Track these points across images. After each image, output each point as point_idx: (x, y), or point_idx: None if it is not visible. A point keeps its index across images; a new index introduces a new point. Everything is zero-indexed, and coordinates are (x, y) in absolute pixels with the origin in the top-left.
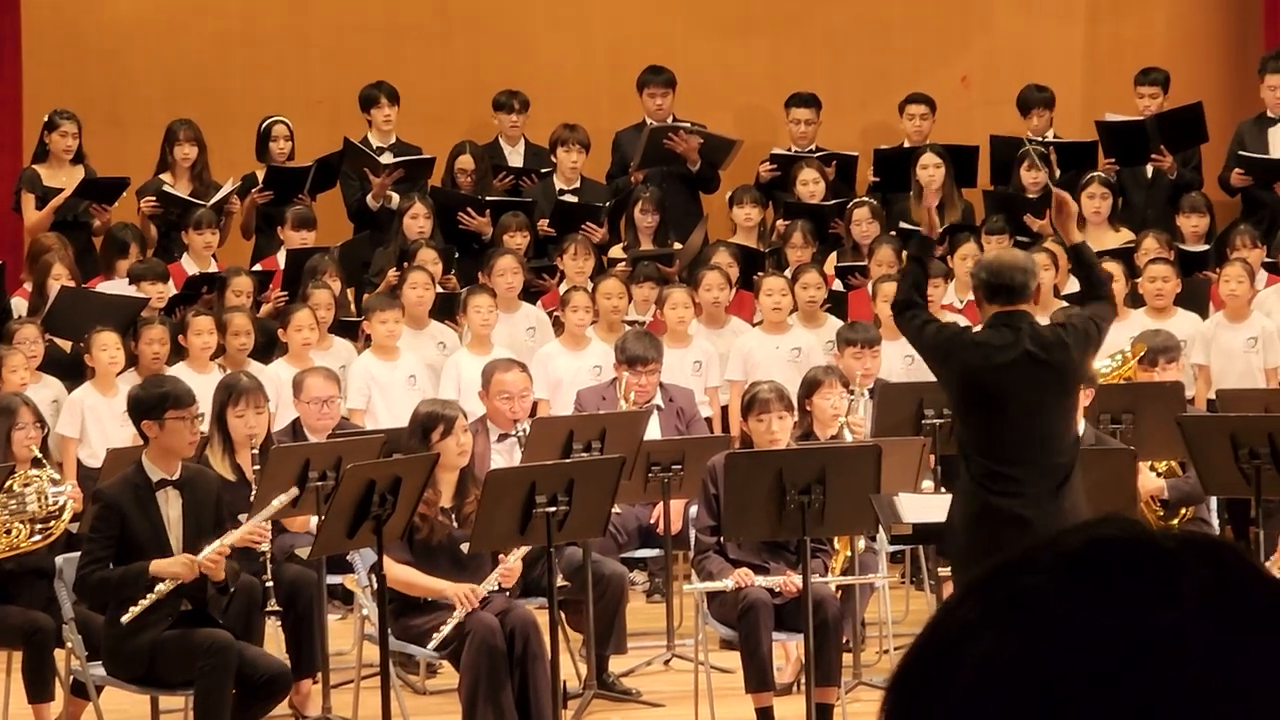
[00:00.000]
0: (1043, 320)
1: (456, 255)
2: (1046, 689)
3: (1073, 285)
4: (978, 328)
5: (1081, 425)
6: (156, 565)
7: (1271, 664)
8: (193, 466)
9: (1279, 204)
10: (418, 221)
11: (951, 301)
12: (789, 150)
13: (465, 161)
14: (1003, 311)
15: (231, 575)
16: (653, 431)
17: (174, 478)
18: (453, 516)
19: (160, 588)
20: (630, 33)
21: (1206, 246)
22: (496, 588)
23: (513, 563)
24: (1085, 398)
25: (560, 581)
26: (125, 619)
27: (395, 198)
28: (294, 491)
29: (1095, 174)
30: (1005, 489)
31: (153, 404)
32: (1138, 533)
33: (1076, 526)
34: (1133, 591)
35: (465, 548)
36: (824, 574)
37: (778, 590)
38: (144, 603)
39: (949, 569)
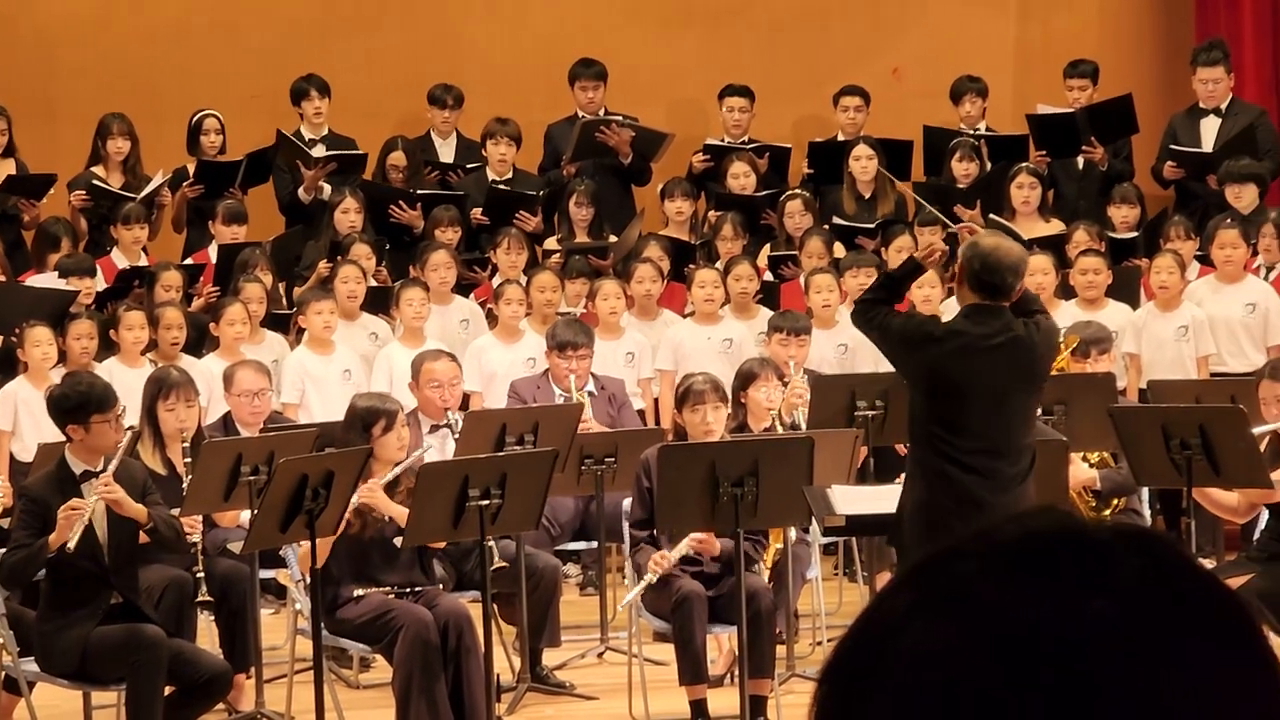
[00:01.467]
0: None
1: (388, 247)
2: (979, 678)
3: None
4: (945, 316)
5: None
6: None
7: (1201, 655)
8: (121, 458)
9: (1211, 196)
10: (348, 216)
11: None
12: (722, 141)
13: (397, 157)
14: (980, 305)
15: (160, 524)
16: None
17: (98, 470)
18: (384, 512)
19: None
20: (563, 26)
21: (1136, 234)
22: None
23: None
24: None
25: (497, 563)
26: None
27: (327, 190)
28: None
29: (1024, 165)
30: (968, 478)
31: (74, 407)
32: (1070, 524)
33: (1009, 518)
34: (1065, 582)
35: (398, 542)
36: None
37: (695, 553)
38: None
39: (898, 558)
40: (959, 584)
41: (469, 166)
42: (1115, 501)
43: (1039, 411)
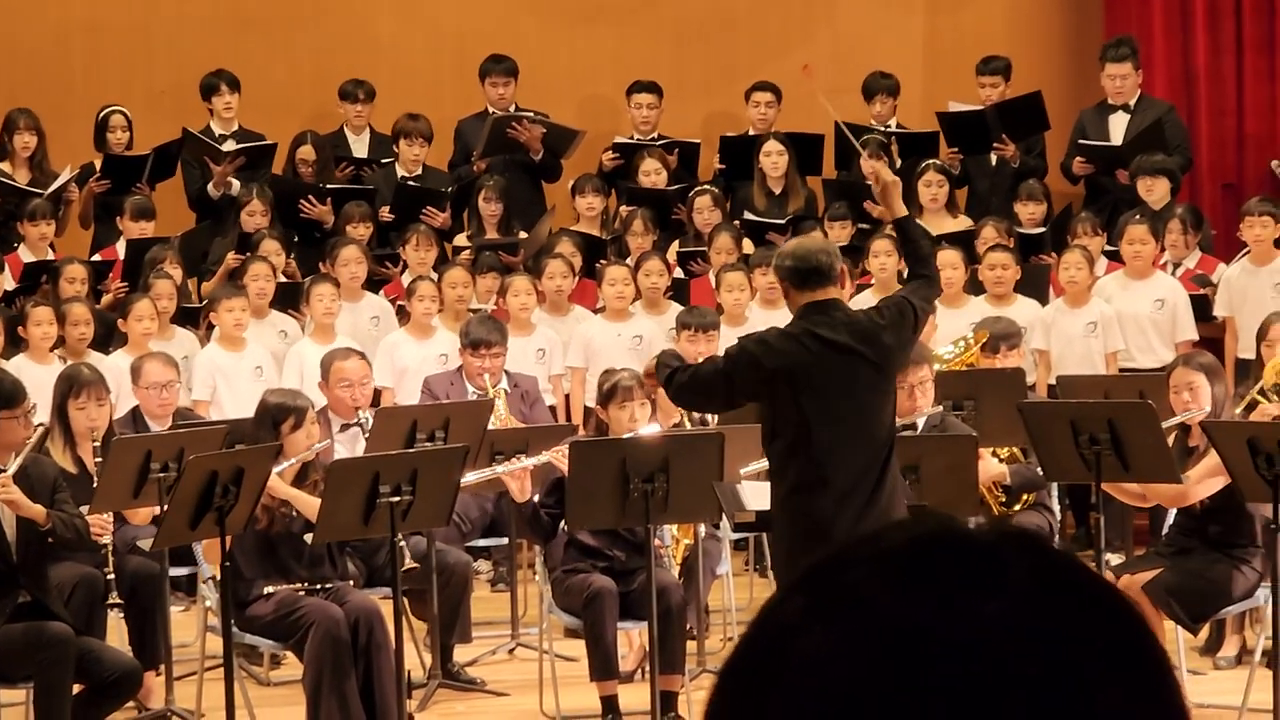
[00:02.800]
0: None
1: (295, 239)
2: (873, 683)
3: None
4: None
5: (928, 410)
6: None
7: (1095, 652)
8: (28, 455)
9: (1120, 191)
10: (255, 217)
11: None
12: (631, 138)
13: (306, 152)
14: (814, 301)
15: (59, 524)
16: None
17: (4, 469)
18: (293, 508)
19: None
20: (473, 21)
21: (1044, 229)
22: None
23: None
24: (927, 377)
25: (408, 563)
26: None
27: (236, 185)
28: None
29: (931, 162)
30: (820, 490)
31: None
32: (955, 529)
33: (894, 525)
34: (957, 584)
35: (309, 538)
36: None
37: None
38: None
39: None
40: (849, 590)
41: (384, 161)
42: (1025, 497)
43: (949, 406)
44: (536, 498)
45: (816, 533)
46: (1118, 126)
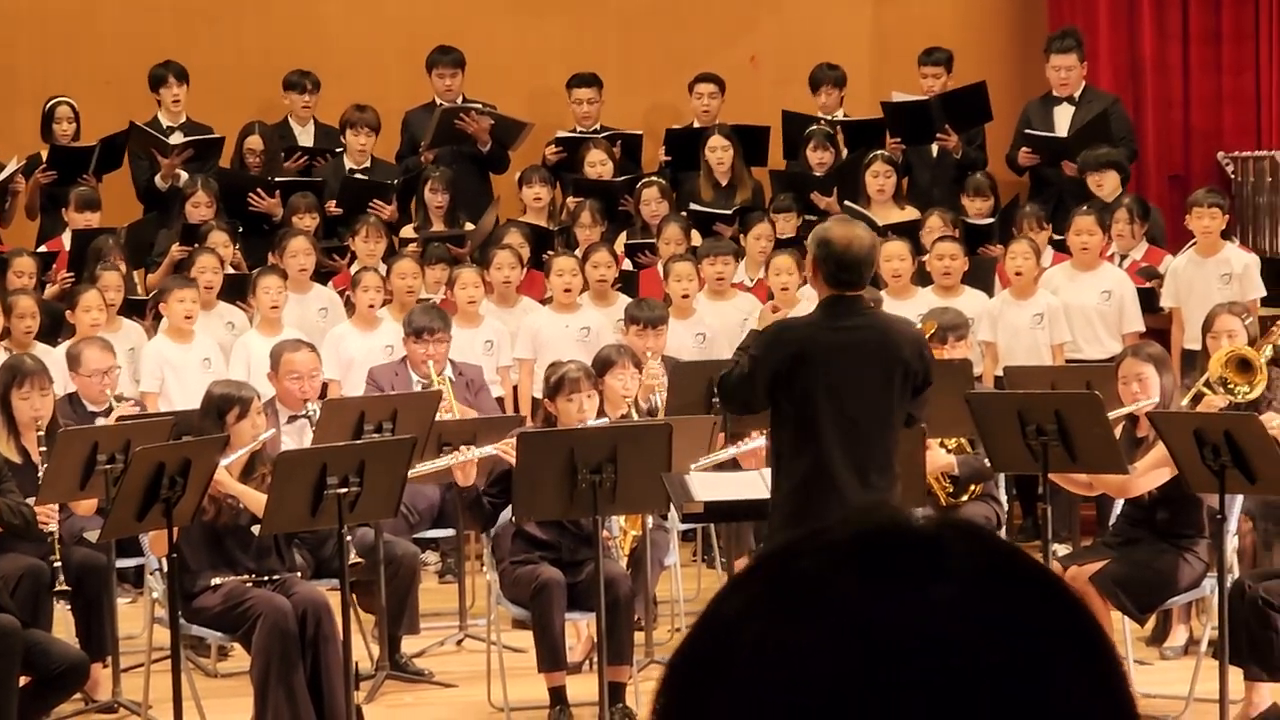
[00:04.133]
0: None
1: (240, 229)
2: (824, 675)
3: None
4: (794, 312)
5: None
6: None
7: (1040, 637)
8: None
9: (1065, 183)
10: (200, 209)
11: (742, 280)
12: (573, 131)
13: (254, 142)
14: (839, 296)
15: (6, 511)
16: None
17: None
18: (237, 500)
19: None
20: (420, 12)
21: (991, 220)
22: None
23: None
24: None
25: (353, 558)
26: None
27: (184, 177)
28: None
29: (879, 152)
30: (820, 480)
31: None
32: (899, 520)
33: (842, 517)
34: (904, 573)
35: (256, 530)
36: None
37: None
38: None
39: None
40: (797, 581)
41: (335, 151)
42: (972, 487)
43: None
44: (482, 484)
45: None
46: (1063, 118)
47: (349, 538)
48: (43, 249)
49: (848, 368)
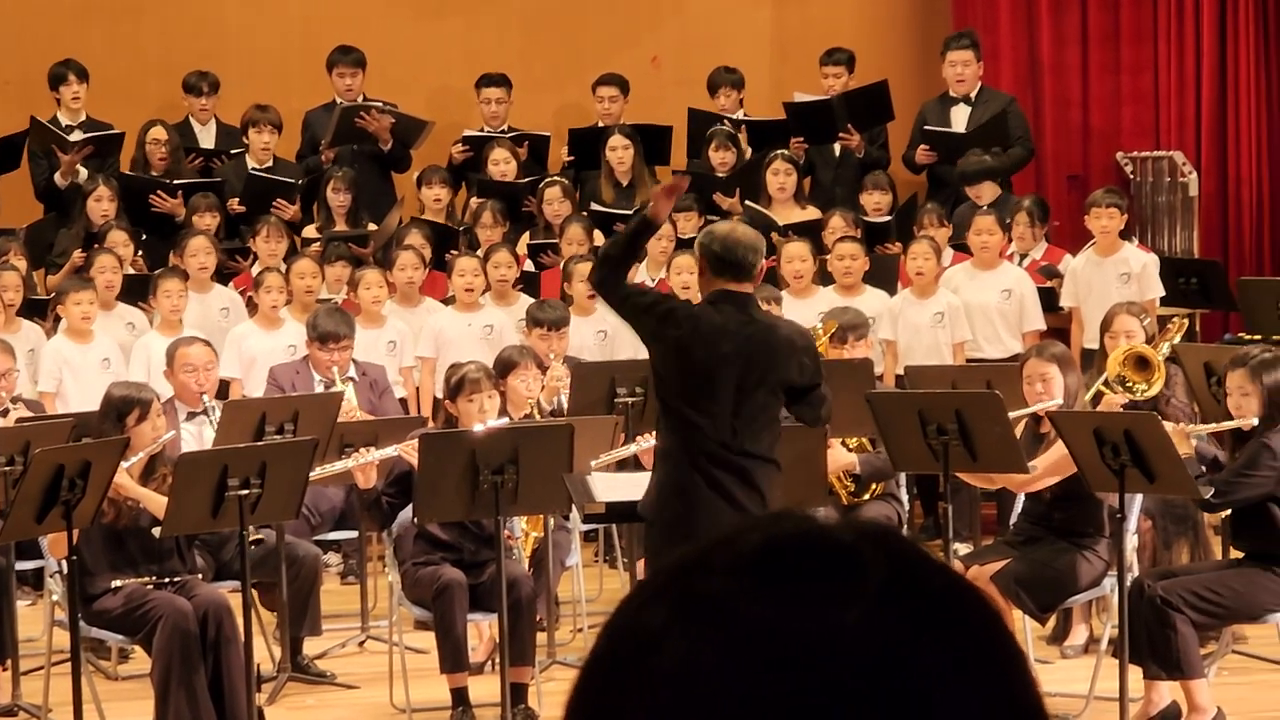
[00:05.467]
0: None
1: (144, 237)
2: (733, 693)
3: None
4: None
5: None
6: None
7: (952, 655)
8: None
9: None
10: (101, 204)
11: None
12: (480, 131)
13: (158, 132)
14: (727, 290)
15: None
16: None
17: None
18: (137, 501)
19: None
20: (320, 11)
21: (889, 217)
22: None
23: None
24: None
25: (252, 540)
26: None
27: (84, 174)
28: None
29: (779, 152)
30: (700, 475)
31: None
32: (812, 529)
33: (752, 524)
34: (814, 590)
35: (156, 532)
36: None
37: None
38: None
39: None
40: (709, 598)
41: (233, 152)
42: (874, 486)
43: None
44: (380, 485)
45: (692, 523)
46: (959, 118)
47: (266, 540)
48: None
49: (726, 365)
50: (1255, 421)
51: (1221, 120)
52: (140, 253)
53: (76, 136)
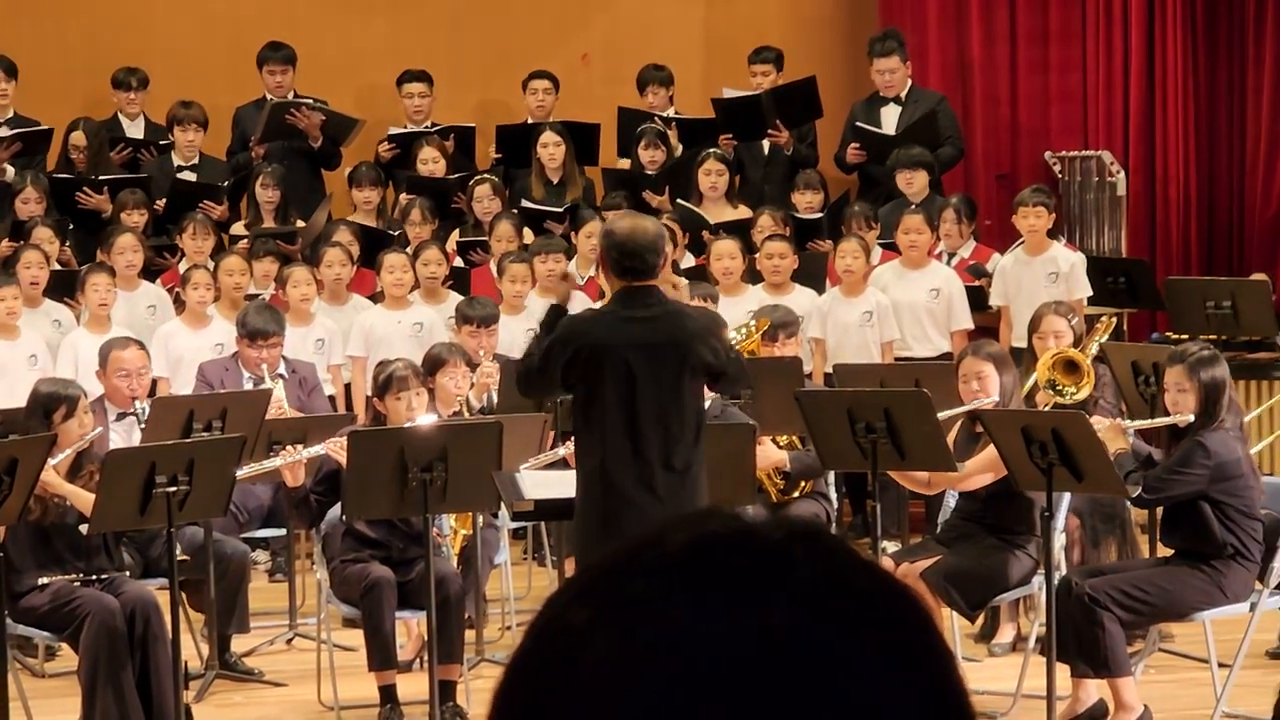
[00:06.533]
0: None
1: (71, 227)
2: (661, 697)
3: (689, 259)
4: (598, 305)
5: (711, 399)
6: None
7: (881, 655)
8: None
9: (892, 182)
10: (29, 205)
11: (573, 276)
12: (405, 128)
13: (78, 138)
14: (631, 288)
15: None
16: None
17: None
18: (65, 499)
19: None
20: (249, 8)
21: (820, 215)
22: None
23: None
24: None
25: (181, 555)
26: None
27: (10, 171)
28: None
29: (711, 150)
30: (627, 469)
31: None
32: (740, 527)
33: (679, 523)
34: (741, 592)
35: (84, 529)
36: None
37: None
38: None
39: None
40: (636, 599)
41: (162, 144)
42: (803, 484)
43: (727, 395)
44: (309, 483)
45: (618, 518)
46: (889, 118)
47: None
48: None
49: (640, 360)
50: (1191, 418)
51: (1149, 120)
52: (68, 243)
53: (4, 133)
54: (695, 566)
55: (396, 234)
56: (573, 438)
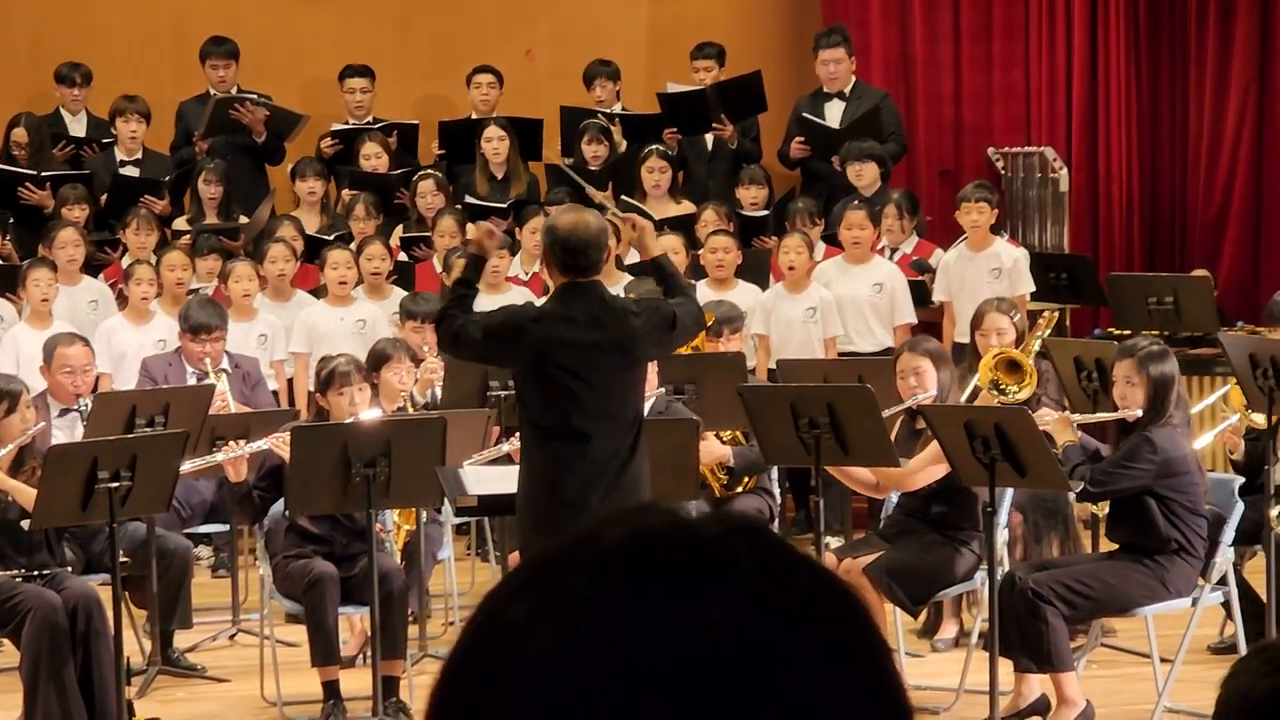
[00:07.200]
0: (614, 290)
1: (11, 220)
2: (602, 692)
3: (633, 254)
4: (540, 301)
5: (655, 394)
6: None
7: (818, 650)
8: None
9: (836, 178)
10: None
11: (517, 273)
12: (346, 123)
13: (19, 135)
14: (574, 284)
15: None
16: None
17: None
18: (6, 494)
19: None
20: (193, 3)
21: (766, 212)
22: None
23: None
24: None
25: (121, 558)
26: None
27: None
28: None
29: (654, 147)
30: (569, 466)
31: None
32: (678, 523)
33: (617, 518)
34: (679, 588)
35: (25, 524)
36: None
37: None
38: None
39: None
40: (574, 595)
41: (104, 141)
42: (747, 479)
43: (671, 390)
44: (251, 479)
45: (561, 514)
46: (833, 114)
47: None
48: None
49: (582, 358)
50: (1139, 412)
51: (1092, 116)
52: (9, 238)
53: None
54: (635, 561)
55: (338, 235)
56: (520, 440)
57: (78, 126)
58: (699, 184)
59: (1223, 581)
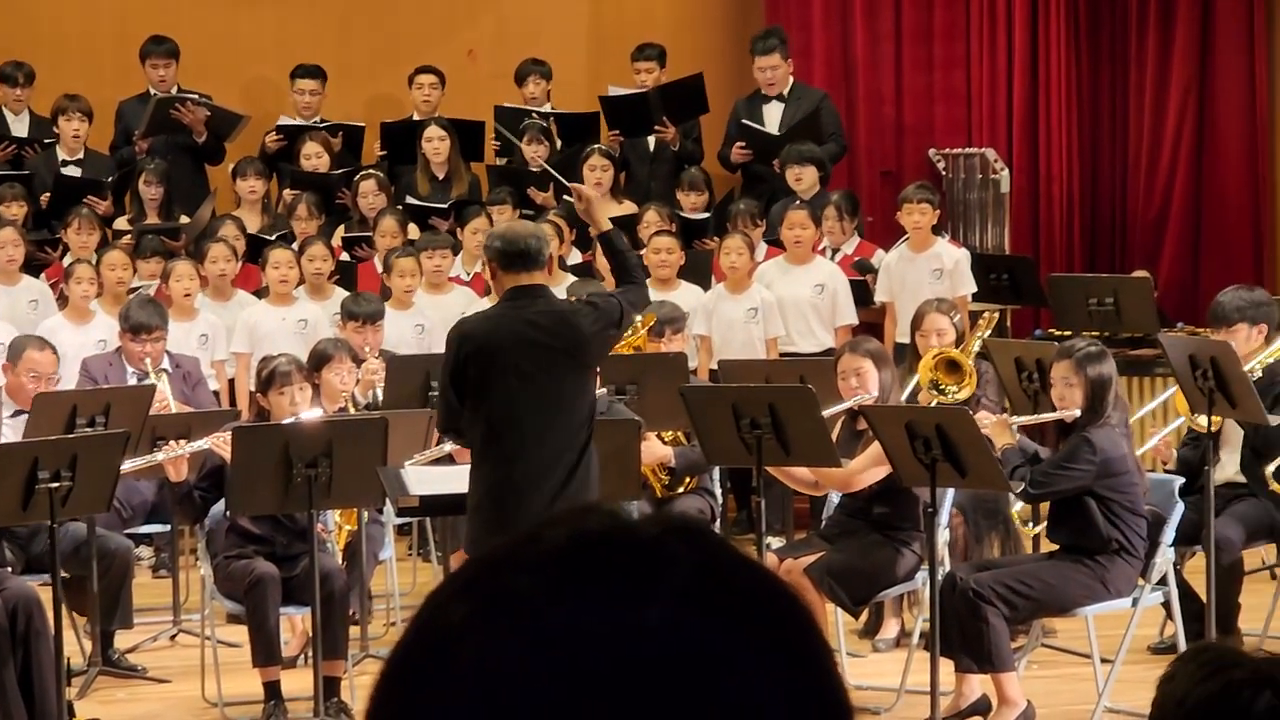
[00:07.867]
0: (558, 292)
1: None
2: (542, 693)
3: (575, 255)
4: (486, 304)
5: (597, 394)
6: None
7: (757, 651)
8: None
9: (777, 180)
10: None
11: (459, 274)
12: (294, 121)
13: None
14: (520, 286)
15: None
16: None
17: None
18: None
19: None
20: (134, 2)
21: (706, 214)
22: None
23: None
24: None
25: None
26: None
27: None
28: None
29: (596, 146)
30: (517, 468)
31: None
32: (618, 524)
33: (559, 519)
34: (618, 589)
35: None
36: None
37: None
38: None
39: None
40: (514, 596)
41: (46, 141)
42: (688, 479)
43: (613, 391)
44: (192, 479)
45: (511, 515)
46: (772, 116)
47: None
48: None
49: (530, 360)
50: (1077, 413)
51: (1033, 118)
52: None
53: None
54: (575, 562)
55: (280, 234)
56: (470, 443)
57: (20, 126)
58: (641, 185)
59: (1163, 582)
